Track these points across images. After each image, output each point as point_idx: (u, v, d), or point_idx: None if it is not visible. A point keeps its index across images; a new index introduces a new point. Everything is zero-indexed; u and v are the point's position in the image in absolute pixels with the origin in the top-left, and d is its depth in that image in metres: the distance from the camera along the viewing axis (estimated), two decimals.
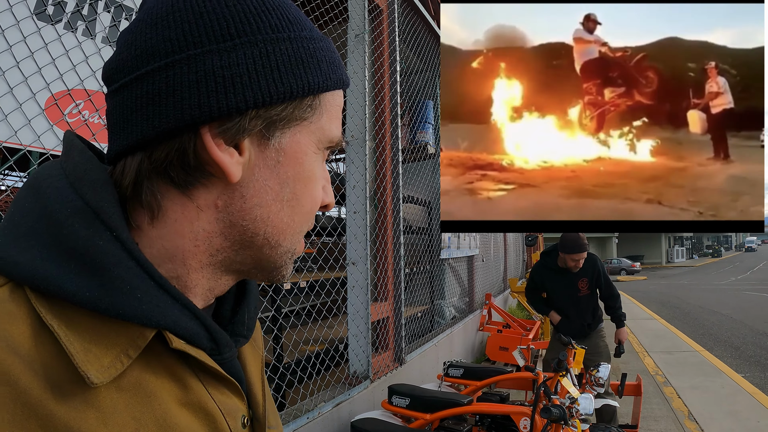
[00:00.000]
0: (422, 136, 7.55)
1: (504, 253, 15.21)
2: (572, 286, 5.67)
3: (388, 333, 5.40)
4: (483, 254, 11.35)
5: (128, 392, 0.59)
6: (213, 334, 0.69)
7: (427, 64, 7.65)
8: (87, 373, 0.54)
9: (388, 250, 5.36)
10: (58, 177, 0.63)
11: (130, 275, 0.59)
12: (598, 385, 4.28)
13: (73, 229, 0.58)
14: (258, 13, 0.66)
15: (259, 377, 0.85)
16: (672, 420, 6.84)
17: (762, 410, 7.30)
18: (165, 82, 0.62)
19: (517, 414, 3.80)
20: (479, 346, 9.85)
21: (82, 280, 0.57)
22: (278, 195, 0.70)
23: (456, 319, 8.78)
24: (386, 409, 4.21)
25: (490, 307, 10.01)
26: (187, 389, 0.65)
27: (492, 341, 8.53)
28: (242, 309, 0.81)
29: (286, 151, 0.69)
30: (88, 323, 0.57)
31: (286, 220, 0.71)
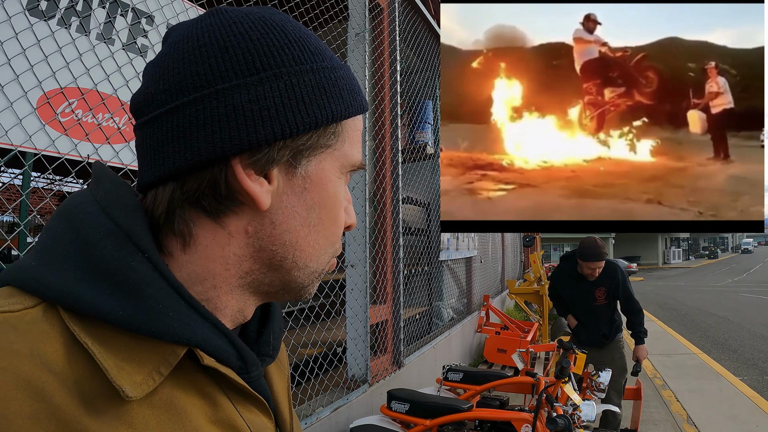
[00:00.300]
0: (421, 136, 7.51)
1: (502, 254, 15.17)
2: (589, 294, 5.48)
3: (386, 336, 5.35)
4: (481, 255, 11.32)
5: (160, 409, 0.60)
6: (241, 353, 0.71)
7: (426, 63, 7.60)
8: (122, 387, 0.56)
9: (387, 252, 5.30)
10: (89, 203, 0.65)
11: (162, 295, 0.61)
12: (599, 390, 4.25)
13: (105, 251, 0.60)
14: (281, 46, 0.68)
15: (285, 396, 0.88)
16: (671, 424, 6.81)
17: (761, 414, 7.28)
18: (195, 116, 0.64)
19: (519, 421, 3.74)
20: (477, 348, 9.81)
21: (114, 299, 0.58)
22: (305, 220, 0.72)
23: (454, 320, 8.74)
24: (385, 415, 4.16)
25: (488, 309, 9.97)
26: (216, 407, 0.67)
27: (490, 343, 8.48)
28: (267, 330, 0.83)
29: (312, 178, 0.71)
30: (120, 341, 0.59)
31: (313, 243, 0.74)
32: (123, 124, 2.65)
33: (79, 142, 2.43)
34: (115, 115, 2.61)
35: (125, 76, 2.65)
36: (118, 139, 2.62)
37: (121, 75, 2.64)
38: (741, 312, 19.74)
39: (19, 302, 0.58)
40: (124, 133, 2.65)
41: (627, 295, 5.54)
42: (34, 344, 0.55)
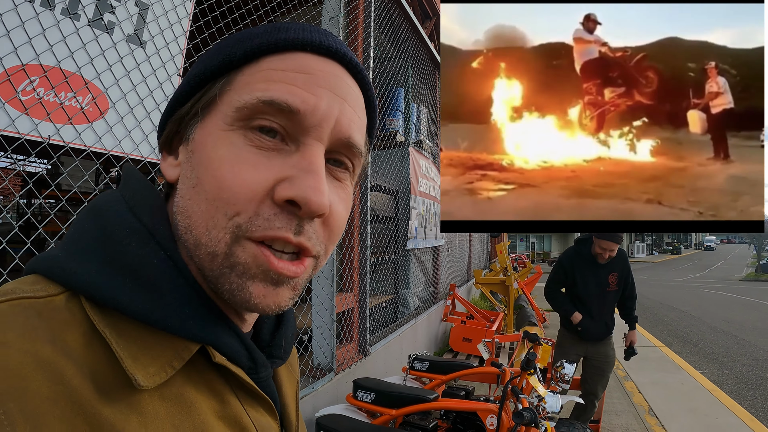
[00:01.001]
0: (392, 123, 7.47)
1: (469, 243, 15.24)
2: (603, 279, 5.40)
3: (352, 324, 5.32)
4: (448, 245, 11.34)
5: (170, 401, 0.62)
6: (252, 354, 0.73)
7: (400, 51, 7.54)
8: (135, 376, 0.58)
9: (354, 239, 5.26)
10: (117, 202, 0.69)
11: (180, 292, 0.65)
12: (563, 381, 4.26)
13: (130, 247, 0.64)
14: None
15: (293, 399, 0.90)
16: (633, 415, 6.89)
17: (721, 407, 7.39)
18: None
19: (484, 411, 3.74)
20: (443, 336, 9.84)
21: (135, 293, 0.62)
22: (190, 182, 0.68)
23: (420, 309, 8.73)
24: (351, 404, 4.14)
25: (454, 298, 9.99)
26: (224, 403, 0.69)
27: (455, 332, 8.50)
28: (280, 333, 0.85)
29: (196, 140, 0.70)
30: (137, 334, 0.61)
31: (196, 208, 0.66)
32: (86, 104, 2.55)
33: (39, 122, 2.34)
34: (78, 94, 2.51)
35: (90, 54, 2.55)
36: (80, 120, 2.53)
37: (86, 52, 2.53)
38: (702, 307, 20.08)
39: (44, 289, 0.61)
40: (87, 113, 2.55)
41: (632, 282, 5.61)
42: (56, 330, 0.57)
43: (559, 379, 4.25)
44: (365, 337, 5.48)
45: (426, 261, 9.72)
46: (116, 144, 2.66)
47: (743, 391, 8.50)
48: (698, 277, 38.70)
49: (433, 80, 10.05)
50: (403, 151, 7.61)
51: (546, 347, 5.07)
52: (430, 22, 9.58)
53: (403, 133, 7.71)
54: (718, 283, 33.01)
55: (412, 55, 8.23)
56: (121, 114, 2.69)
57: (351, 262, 5.21)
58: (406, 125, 7.98)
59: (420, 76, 8.97)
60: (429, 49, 9.08)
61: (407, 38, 7.77)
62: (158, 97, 2.90)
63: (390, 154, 7.37)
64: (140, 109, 2.80)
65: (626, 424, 6.59)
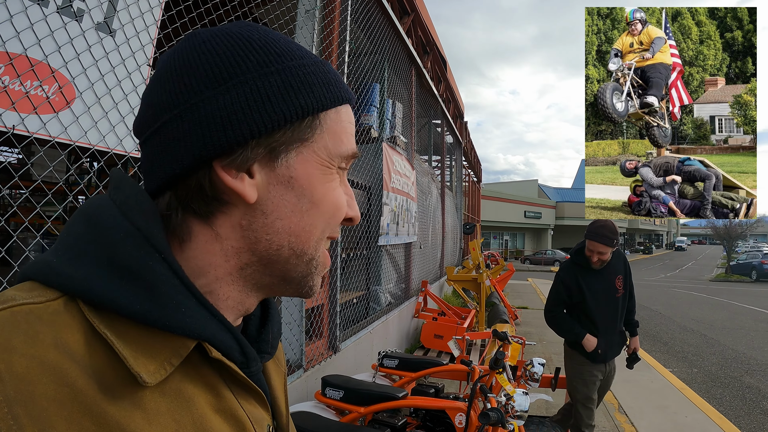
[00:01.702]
0: (366, 119, 7.45)
1: (442, 240, 15.24)
2: (610, 284, 4.94)
3: (322, 320, 5.29)
4: (421, 241, 11.34)
5: (170, 397, 0.66)
6: (243, 349, 0.77)
7: (377, 46, 7.51)
8: (140, 373, 0.61)
9: None
10: (108, 206, 0.70)
11: (176, 292, 0.67)
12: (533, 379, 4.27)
13: (125, 250, 0.66)
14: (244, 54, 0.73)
15: (282, 391, 0.95)
16: (603, 412, 6.95)
17: (690, 406, 7.50)
18: (175, 131, 0.71)
19: (453, 410, 3.74)
20: (414, 333, 9.85)
21: (133, 295, 0.64)
22: (296, 206, 0.76)
23: (392, 305, 8.73)
24: (320, 401, 4.11)
25: (426, 294, 10.01)
26: (220, 397, 0.73)
27: (427, 328, 8.51)
28: (267, 329, 0.88)
29: (297, 169, 0.76)
30: (136, 334, 0.64)
31: (307, 228, 0.77)
32: (52, 93, 2.50)
33: (3, 111, 2.28)
34: (44, 83, 2.45)
35: (58, 42, 2.49)
36: (46, 109, 2.47)
37: (54, 40, 2.47)
38: (673, 306, 20.35)
39: (41, 295, 0.63)
40: (53, 102, 2.49)
41: (632, 285, 5.18)
42: (57, 334, 0.59)
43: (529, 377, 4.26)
44: (335, 333, 5.46)
45: (398, 257, 9.72)
46: (82, 135, 2.60)
47: (712, 390, 8.65)
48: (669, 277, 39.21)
49: (409, 76, 10.03)
50: (376, 147, 7.58)
51: (516, 345, 5.08)
52: (407, 18, 9.55)
53: (377, 128, 7.68)
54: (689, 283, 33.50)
55: (389, 50, 8.21)
56: (88, 104, 2.64)
57: None
58: (380, 121, 7.96)
59: (396, 72, 8.94)
60: (406, 46, 9.05)
61: (384, 34, 7.74)
62: (126, 88, 2.85)
63: (364, 149, 7.35)
64: (108, 100, 2.74)
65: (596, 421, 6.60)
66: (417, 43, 10.63)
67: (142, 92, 0.82)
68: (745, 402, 8.15)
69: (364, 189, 7.67)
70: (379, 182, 7.48)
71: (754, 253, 42.95)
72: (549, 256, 52.06)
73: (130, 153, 2.88)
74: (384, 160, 7.58)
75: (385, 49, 7.95)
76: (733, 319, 17.13)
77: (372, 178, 7.57)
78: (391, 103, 8.60)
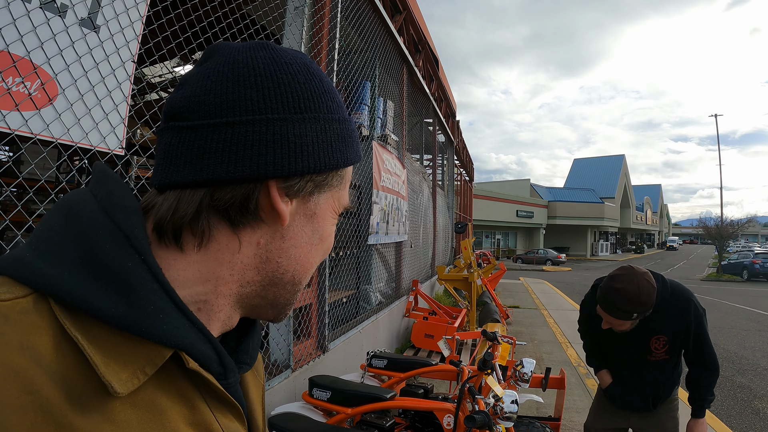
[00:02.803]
0: (357, 117, 7.41)
1: (433, 239, 15.23)
2: (641, 345, 3.48)
3: (310, 320, 5.25)
4: (412, 240, 11.31)
5: (141, 409, 0.62)
6: (222, 359, 0.74)
7: (368, 44, 7.48)
8: (111, 382, 0.58)
9: None
10: (89, 202, 0.68)
11: (155, 297, 0.64)
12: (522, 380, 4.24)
13: (104, 249, 0.63)
14: (320, 94, 0.77)
15: (259, 404, 0.93)
16: None
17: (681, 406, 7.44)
18: (245, 136, 0.70)
19: (441, 411, 3.72)
20: (405, 332, 9.82)
21: (109, 297, 0.60)
22: (310, 239, 0.81)
23: (382, 305, 8.70)
24: (307, 402, 4.08)
25: (417, 294, 9.99)
26: (194, 410, 0.69)
27: (417, 328, 8.49)
28: (248, 339, 0.87)
29: (320, 207, 0.81)
30: (109, 339, 0.60)
31: (312, 260, 0.83)
32: (34, 90, 2.46)
33: None
34: (26, 79, 2.41)
35: (41, 38, 2.45)
36: (28, 106, 2.43)
37: (36, 36, 2.43)
38: None
39: (9, 291, 0.59)
40: (35, 99, 2.45)
41: (701, 344, 3.43)
42: (24, 336, 0.56)
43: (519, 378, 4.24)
44: (324, 333, 5.42)
45: (388, 256, 9.69)
46: (64, 132, 2.56)
47: None
48: None
49: (400, 75, 10.00)
50: (367, 145, 7.54)
51: (505, 345, 5.05)
52: (399, 16, 9.53)
53: (368, 127, 7.65)
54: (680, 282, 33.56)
55: (380, 48, 8.18)
56: (71, 101, 2.60)
57: None
58: (371, 119, 7.92)
59: (387, 70, 8.91)
60: (397, 44, 9.02)
61: (375, 31, 7.71)
62: (111, 84, 2.81)
63: None
64: (91, 96, 2.70)
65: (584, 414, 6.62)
66: (409, 42, 10.61)
67: (195, 72, 0.76)
68: (736, 401, 8.15)
69: (355, 188, 7.64)
70: (369, 181, 7.45)
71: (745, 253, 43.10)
72: (541, 255, 52.17)
73: (113, 150, 2.84)
74: (374, 159, 7.55)
75: (377, 47, 7.92)
76: (724, 319, 17.15)
77: (362, 177, 7.54)
78: (383, 101, 8.58)
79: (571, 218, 68.14)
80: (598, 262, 60.71)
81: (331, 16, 5.38)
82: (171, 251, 0.71)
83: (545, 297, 20.74)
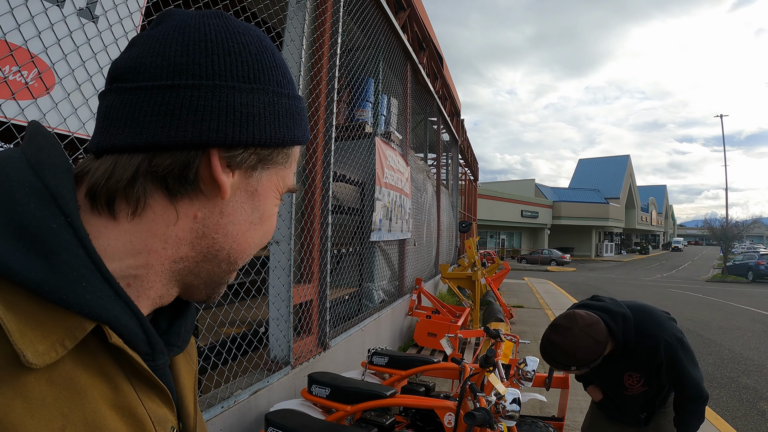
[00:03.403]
0: (361, 114, 7.40)
1: (437, 238, 15.20)
2: (614, 381, 3.45)
3: (311, 317, 5.22)
4: (416, 238, 11.28)
5: (58, 386, 0.58)
6: (150, 338, 0.70)
7: (372, 41, 7.44)
8: (24, 352, 0.54)
9: (314, 230, 5.16)
10: (18, 159, 0.64)
11: (78, 263, 0.60)
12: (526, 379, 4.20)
13: (28, 208, 0.59)
14: (271, 67, 0.76)
15: (191, 390, 0.88)
16: None
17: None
18: (190, 101, 0.68)
19: (442, 409, 3.68)
20: (407, 331, 9.79)
21: (28, 260, 0.57)
22: (250, 217, 0.78)
23: (384, 303, 8.67)
24: (306, 399, 4.04)
25: (420, 292, 9.96)
26: (118, 391, 0.65)
27: (420, 327, 8.47)
28: (180, 321, 0.83)
29: (263, 185, 0.78)
30: (27, 306, 0.57)
31: (249, 240, 0.79)
32: (31, 79, 2.43)
33: None
34: (23, 68, 2.39)
35: (38, 27, 2.42)
36: (25, 95, 2.40)
37: (34, 25, 2.40)
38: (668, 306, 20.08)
39: None
40: (31, 88, 2.43)
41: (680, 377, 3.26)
42: None
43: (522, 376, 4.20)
44: (325, 330, 5.38)
45: (392, 254, 9.65)
46: (61, 122, 2.54)
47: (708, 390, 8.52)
48: (665, 277, 39.20)
49: (404, 72, 9.97)
50: (370, 142, 7.50)
51: (508, 343, 5.00)
52: (403, 13, 9.50)
53: (371, 124, 7.62)
54: (684, 283, 33.50)
55: (384, 45, 8.14)
56: (68, 90, 2.57)
57: (310, 253, 5.10)
58: (374, 116, 7.89)
59: (391, 67, 8.88)
60: (401, 41, 8.99)
61: (379, 28, 7.68)
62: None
63: (358, 144, 7.27)
64: (89, 86, 2.67)
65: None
66: (413, 39, 10.57)
67: (145, 35, 0.73)
68: (741, 403, 8.07)
69: (357, 184, 7.60)
70: (372, 177, 7.41)
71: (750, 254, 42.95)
72: (545, 256, 52.18)
73: None
74: (377, 155, 7.52)
75: (380, 44, 7.89)
76: (729, 320, 17.06)
77: (364, 174, 7.50)
78: (387, 98, 8.55)
79: (575, 218, 68.08)
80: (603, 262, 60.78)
81: (333, 11, 5.34)
82: (102, 219, 0.68)
83: (549, 297, 20.73)
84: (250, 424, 3.88)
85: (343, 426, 3.53)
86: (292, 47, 4.63)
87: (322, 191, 5.31)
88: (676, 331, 3.28)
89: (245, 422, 3.83)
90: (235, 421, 3.71)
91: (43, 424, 0.55)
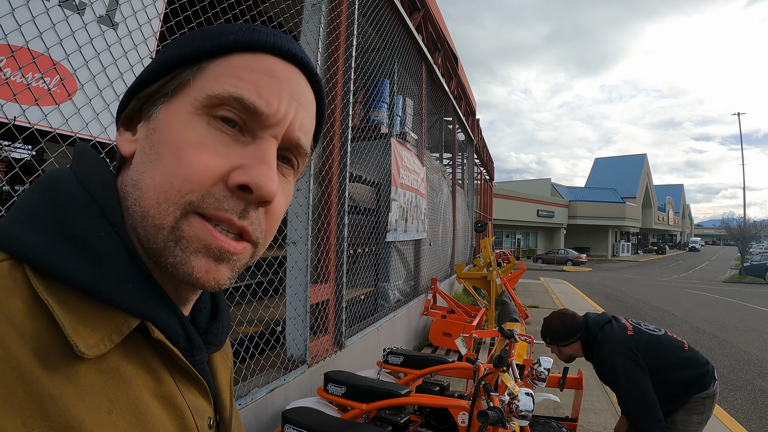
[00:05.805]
0: (376, 114, 7.43)
1: (452, 238, 15.20)
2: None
3: (327, 316, 5.27)
4: (431, 238, 11.29)
5: (106, 375, 0.63)
6: (189, 335, 0.76)
7: (386, 42, 7.48)
8: (76, 343, 0.59)
9: (330, 230, 5.20)
10: (68, 176, 0.71)
11: (125, 267, 0.67)
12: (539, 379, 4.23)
13: (79, 219, 0.66)
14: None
15: (227, 386, 0.92)
16: (611, 413, 6.89)
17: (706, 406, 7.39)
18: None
19: (456, 408, 3.71)
20: (423, 330, 9.81)
21: (81, 264, 0.63)
22: (147, 156, 0.71)
23: (400, 302, 8.70)
24: (322, 397, 4.09)
25: (436, 292, 9.97)
26: (159, 382, 0.70)
27: (436, 326, 8.49)
28: (217, 321, 0.87)
29: (159, 119, 0.72)
30: (79, 305, 0.62)
31: (149, 181, 0.70)
32: (54, 85, 2.49)
33: (5, 102, 2.27)
34: (45, 75, 2.45)
35: (59, 34, 2.48)
36: (47, 101, 2.47)
37: (55, 33, 2.46)
38: (685, 307, 20.12)
39: None
40: (54, 94, 2.49)
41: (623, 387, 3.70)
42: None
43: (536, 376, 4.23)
44: (341, 329, 5.43)
45: (407, 254, 9.68)
46: (83, 126, 2.60)
47: (723, 393, 8.49)
48: (682, 278, 38.88)
49: (419, 73, 9.99)
50: (386, 143, 7.54)
51: (522, 343, 5.03)
52: (417, 14, 9.53)
53: (387, 125, 7.66)
54: (701, 284, 33.20)
55: (399, 46, 8.18)
56: (89, 96, 2.63)
57: (327, 253, 5.15)
58: (390, 117, 7.93)
59: (406, 68, 8.91)
60: (416, 41, 9.01)
61: (394, 29, 7.71)
62: (129, 80, 2.84)
63: (373, 145, 7.31)
64: (109, 92, 2.73)
65: (605, 422, 6.57)
66: (427, 39, 10.60)
67: None
68: (757, 405, 8.01)
69: (374, 185, 7.64)
70: (388, 178, 7.45)
71: None
72: (561, 255, 51.88)
73: None
74: (392, 156, 7.55)
75: (395, 45, 7.91)
76: (745, 321, 16.90)
77: (380, 174, 7.54)
78: (402, 99, 8.58)
79: (592, 218, 67.71)
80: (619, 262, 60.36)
81: (348, 13, 5.38)
82: None
83: (565, 297, 20.65)
84: (267, 421, 3.93)
85: (359, 424, 3.57)
86: (308, 49, 4.67)
87: (339, 192, 5.35)
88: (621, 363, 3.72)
89: (262, 420, 3.88)
90: (252, 419, 3.76)
91: (92, 408, 0.60)
